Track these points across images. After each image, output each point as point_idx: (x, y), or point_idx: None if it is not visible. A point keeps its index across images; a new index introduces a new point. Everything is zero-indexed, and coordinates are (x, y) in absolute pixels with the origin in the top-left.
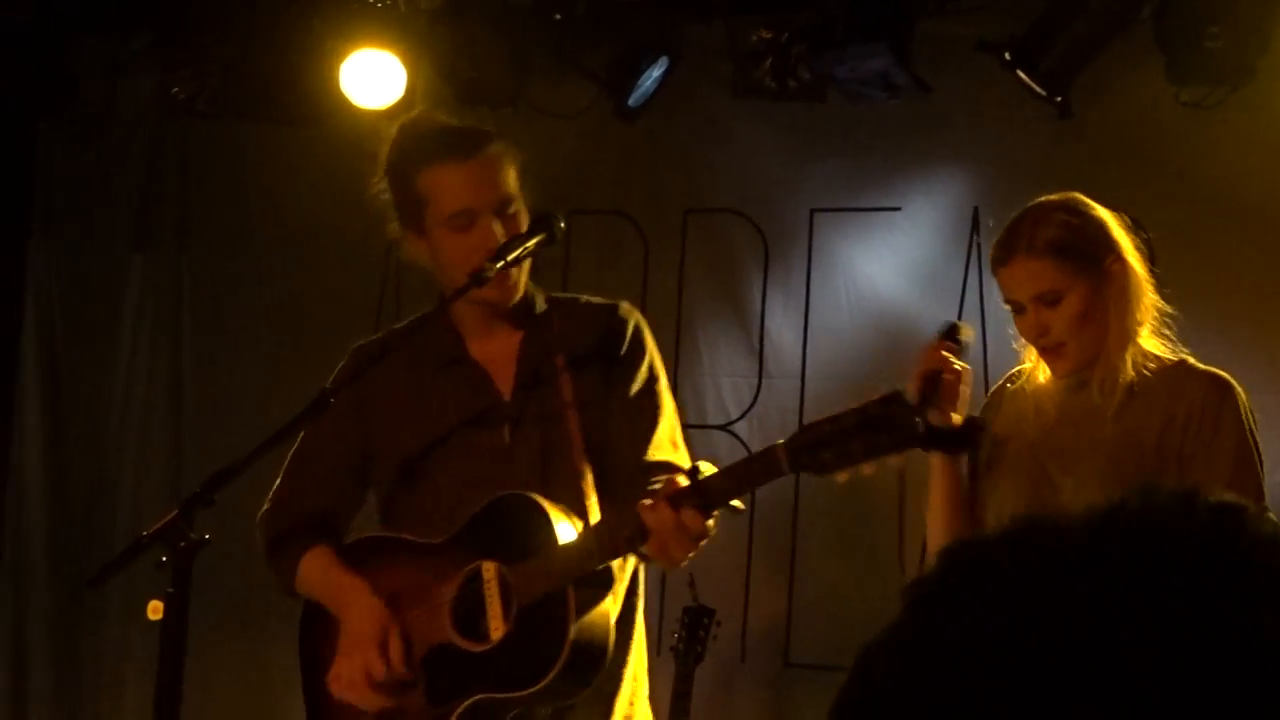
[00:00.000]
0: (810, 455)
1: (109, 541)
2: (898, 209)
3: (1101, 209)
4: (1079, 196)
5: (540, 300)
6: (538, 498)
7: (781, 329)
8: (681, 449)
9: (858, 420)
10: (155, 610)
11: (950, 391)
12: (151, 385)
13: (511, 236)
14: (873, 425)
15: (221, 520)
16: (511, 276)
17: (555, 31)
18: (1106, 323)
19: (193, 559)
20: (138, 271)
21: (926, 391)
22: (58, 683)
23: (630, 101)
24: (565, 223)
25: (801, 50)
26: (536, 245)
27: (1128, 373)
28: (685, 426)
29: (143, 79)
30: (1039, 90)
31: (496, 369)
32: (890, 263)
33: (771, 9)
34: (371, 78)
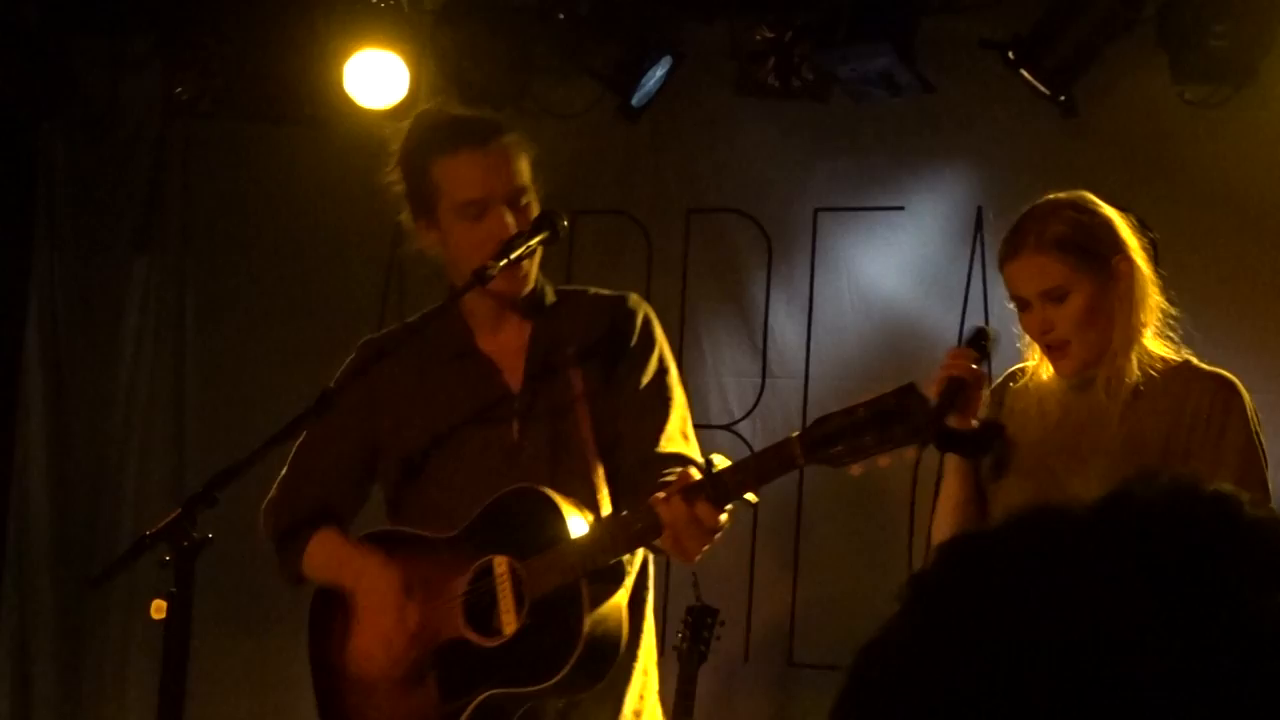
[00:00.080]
0: (824, 447)
1: (112, 541)
2: (901, 208)
3: (1109, 208)
4: (1087, 195)
5: (550, 292)
6: (548, 491)
7: (785, 328)
8: (692, 441)
9: (872, 412)
10: (158, 610)
11: (972, 398)
12: (154, 385)
13: (515, 234)
14: (887, 417)
15: (226, 519)
16: (523, 268)
17: (558, 31)
18: (1111, 322)
19: (195, 558)
20: (141, 271)
21: (947, 396)
22: (61, 682)
23: (634, 101)
24: (568, 222)
25: (805, 49)
26: (539, 243)
27: (1134, 373)
28: None
29: (146, 80)
30: (1043, 89)
31: (505, 361)
32: (894, 262)
33: (775, 8)
34: (375, 78)
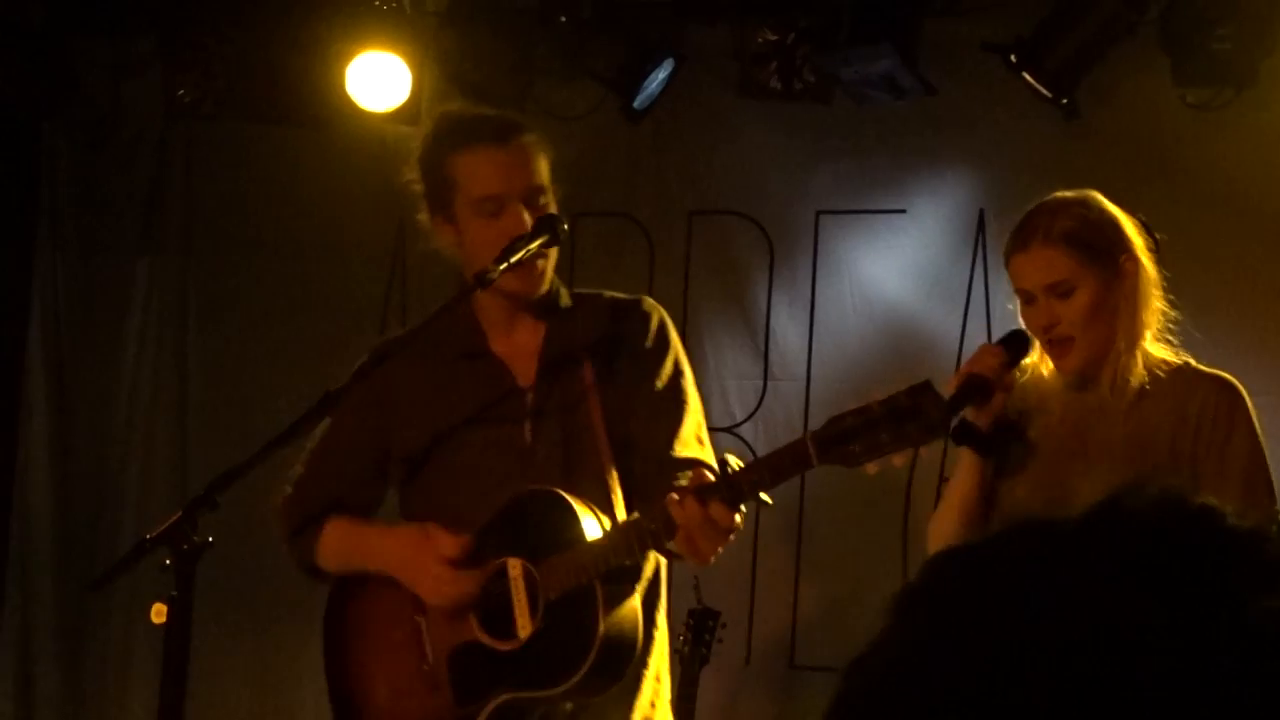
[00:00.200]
0: (839, 447)
1: (115, 541)
2: (903, 211)
3: (1116, 209)
4: (1095, 194)
5: (565, 295)
6: (563, 493)
7: (787, 331)
8: (707, 446)
9: (886, 411)
10: (159, 613)
11: (994, 397)
12: (157, 385)
13: (515, 238)
14: (901, 415)
15: (227, 520)
16: (538, 267)
17: (561, 33)
18: (1115, 321)
19: (196, 562)
20: (143, 273)
21: (965, 390)
22: (64, 682)
23: (636, 103)
24: (569, 224)
25: (807, 52)
26: (540, 247)
27: (1140, 373)
28: None
29: (148, 81)
30: (1045, 92)
31: (518, 363)
32: (896, 265)
33: (777, 10)
34: (377, 80)
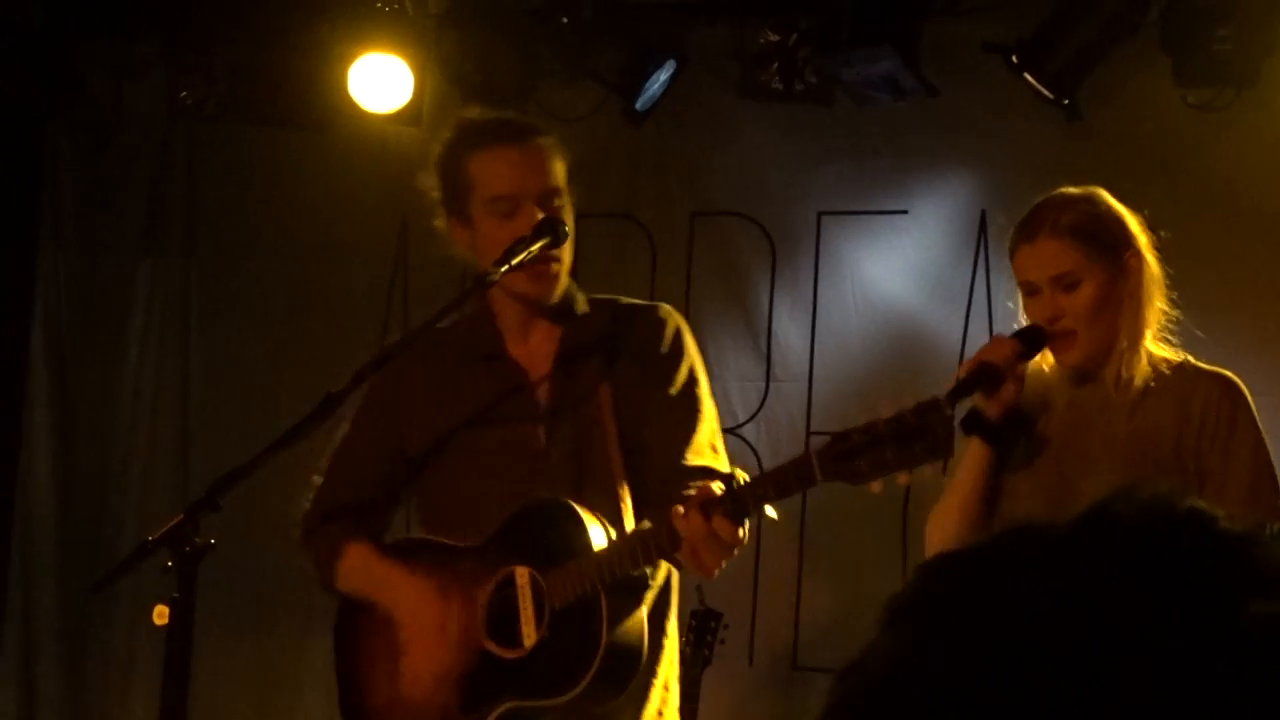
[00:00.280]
0: (844, 464)
1: (117, 542)
2: (905, 212)
3: (1121, 205)
4: (1101, 190)
5: (581, 301)
6: (571, 502)
7: (789, 332)
8: (722, 454)
9: (892, 429)
10: (161, 615)
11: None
12: (159, 386)
13: (516, 239)
14: (908, 434)
15: (229, 521)
16: (551, 270)
17: (562, 35)
18: (1119, 317)
19: (198, 564)
20: (146, 275)
21: (972, 378)
22: (66, 684)
23: (637, 105)
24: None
25: (808, 53)
26: (541, 249)
27: (1144, 370)
28: None
29: (151, 82)
30: (1046, 93)
31: (534, 367)
32: (898, 266)
33: (778, 11)
34: (379, 82)
